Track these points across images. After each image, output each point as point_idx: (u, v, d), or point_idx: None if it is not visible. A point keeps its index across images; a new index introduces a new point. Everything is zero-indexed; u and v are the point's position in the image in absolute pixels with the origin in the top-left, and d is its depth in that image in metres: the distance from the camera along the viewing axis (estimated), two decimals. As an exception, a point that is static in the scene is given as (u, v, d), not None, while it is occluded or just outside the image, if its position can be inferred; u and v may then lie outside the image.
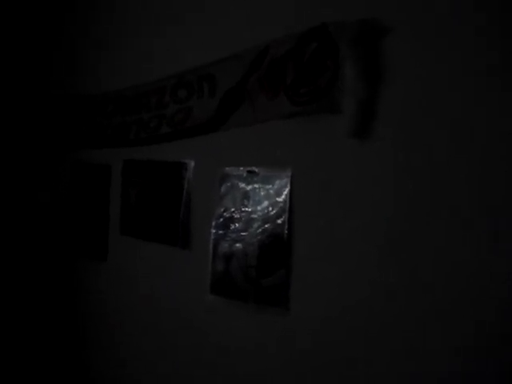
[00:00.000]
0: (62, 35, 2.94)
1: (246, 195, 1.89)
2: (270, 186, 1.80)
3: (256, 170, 1.86)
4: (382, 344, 1.51)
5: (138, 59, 2.43)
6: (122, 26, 2.56)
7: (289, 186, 1.75)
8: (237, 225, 1.90)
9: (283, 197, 1.76)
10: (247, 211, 1.87)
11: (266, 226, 1.80)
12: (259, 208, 1.83)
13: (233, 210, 1.93)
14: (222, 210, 1.96)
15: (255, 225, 1.84)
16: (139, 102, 2.34)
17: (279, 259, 1.76)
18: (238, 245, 1.89)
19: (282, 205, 1.76)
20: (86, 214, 2.72)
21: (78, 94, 2.76)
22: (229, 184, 1.95)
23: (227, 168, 1.96)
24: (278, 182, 1.78)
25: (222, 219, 1.95)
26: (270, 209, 1.79)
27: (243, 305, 1.87)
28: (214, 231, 1.98)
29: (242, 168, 1.91)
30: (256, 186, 1.85)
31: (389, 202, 1.50)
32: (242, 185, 1.90)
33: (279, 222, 1.76)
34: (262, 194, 1.83)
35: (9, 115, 3.07)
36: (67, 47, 2.90)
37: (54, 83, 2.97)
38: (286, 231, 1.74)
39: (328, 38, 1.58)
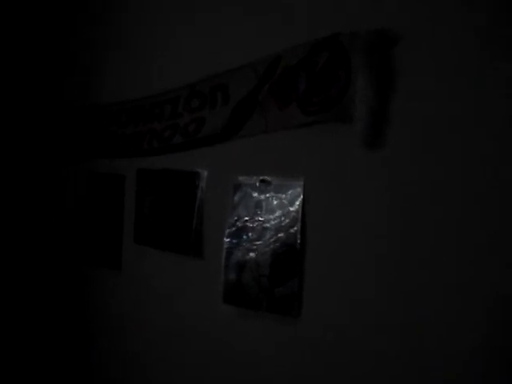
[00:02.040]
0: (77, 46, 2.96)
1: (258, 204, 1.89)
2: (283, 196, 1.80)
3: (269, 179, 1.86)
4: (393, 352, 1.50)
5: (152, 69, 2.44)
6: (136, 36, 2.57)
7: (302, 195, 1.75)
8: (250, 234, 1.91)
9: (296, 206, 1.76)
10: (260, 220, 1.87)
11: (279, 235, 1.80)
12: (272, 217, 1.83)
13: (246, 219, 1.93)
14: (235, 219, 1.96)
15: (268, 234, 1.84)
16: (152, 112, 2.36)
17: (292, 268, 1.76)
18: (250, 254, 1.89)
19: (294, 214, 1.76)
20: (100, 223, 2.73)
21: (92, 104, 2.78)
22: (242, 193, 1.95)
23: (240, 177, 1.97)
24: (290, 191, 1.78)
25: (234, 228, 1.96)
26: (283, 218, 1.79)
27: (256, 314, 1.88)
28: (226, 240, 1.99)
29: (254, 177, 1.91)
30: (269, 195, 1.85)
31: (402, 211, 1.50)
32: (255, 194, 1.90)
33: (292, 231, 1.77)
34: (275, 203, 1.83)
35: (23, 125, 3.10)
36: (81, 58, 2.92)
37: (68, 94, 2.98)
38: (299, 240, 1.74)
39: (340, 47, 1.58)
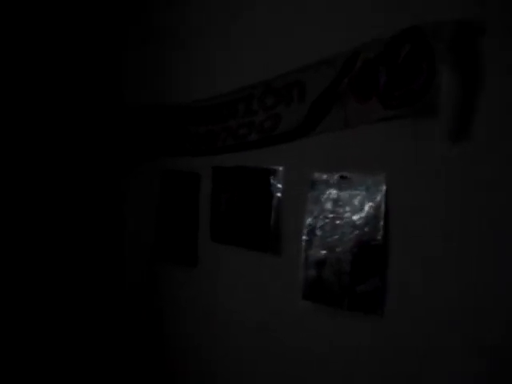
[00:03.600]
0: (150, 47, 3.02)
1: (337, 201, 1.87)
2: (364, 192, 1.78)
3: (348, 175, 1.84)
4: (480, 354, 1.46)
5: (226, 68, 2.46)
6: (208, 35, 2.59)
7: (383, 190, 1.72)
8: (328, 231, 1.89)
9: (377, 202, 1.73)
10: (340, 217, 1.86)
11: (360, 232, 1.78)
12: (352, 214, 1.81)
13: (324, 215, 1.92)
14: (313, 216, 1.95)
15: (348, 231, 1.82)
16: (227, 110, 2.38)
17: (374, 266, 1.74)
18: (330, 251, 1.88)
19: (375, 210, 1.74)
20: (176, 221, 2.78)
21: (167, 104, 2.83)
22: (319, 190, 1.94)
23: (317, 174, 1.96)
24: (371, 186, 1.76)
25: (312, 225, 1.95)
26: (364, 215, 1.77)
27: (337, 311, 1.86)
28: (304, 237, 1.98)
29: (333, 173, 1.90)
30: (348, 191, 1.83)
31: (487, 209, 1.45)
32: (334, 190, 1.89)
33: (373, 227, 1.74)
34: (355, 199, 1.81)
35: (98, 126, 3.19)
36: (154, 58, 2.98)
37: (143, 94, 3.05)
38: (381, 237, 1.72)
39: (422, 39, 1.54)
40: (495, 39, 1.43)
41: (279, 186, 2.14)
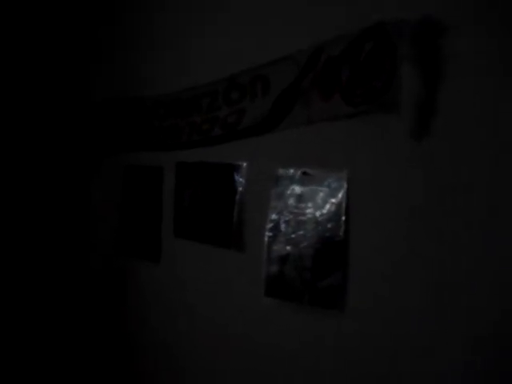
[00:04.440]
0: (115, 40, 2.99)
1: (300, 197, 1.88)
2: (326, 188, 1.78)
3: (311, 171, 1.85)
4: (442, 347, 1.48)
5: (190, 62, 2.44)
6: (173, 29, 2.57)
7: (345, 187, 1.73)
8: (291, 227, 1.89)
9: (339, 198, 1.74)
10: (302, 213, 1.86)
11: (322, 228, 1.78)
12: (314, 210, 1.82)
13: (287, 211, 1.92)
14: (276, 212, 1.95)
15: (310, 227, 1.83)
16: (191, 105, 2.36)
17: (335, 261, 1.74)
18: (292, 247, 1.88)
19: (337, 206, 1.75)
20: (139, 216, 2.76)
21: (130, 98, 2.80)
22: (283, 186, 1.94)
23: (281, 170, 1.96)
24: (333, 183, 1.76)
25: (276, 221, 1.95)
26: (326, 211, 1.78)
27: (298, 307, 1.87)
28: (267, 233, 1.98)
29: (296, 169, 1.90)
30: (311, 187, 1.84)
31: (448, 203, 1.46)
32: (297, 186, 1.89)
33: (335, 223, 1.75)
34: (317, 195, 1.81)
35: (62, 120, 3.14)
36: (120, 52, 2.95)
37: (107, 88, 3.02)
38: (342, 233, 1.72)
39: (385, 37, 1.54)
40: (457, 37, 1.44)
41: (243, 181, 2.13)
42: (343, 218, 1.72)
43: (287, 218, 1.91)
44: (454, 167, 1.46)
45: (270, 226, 1.97)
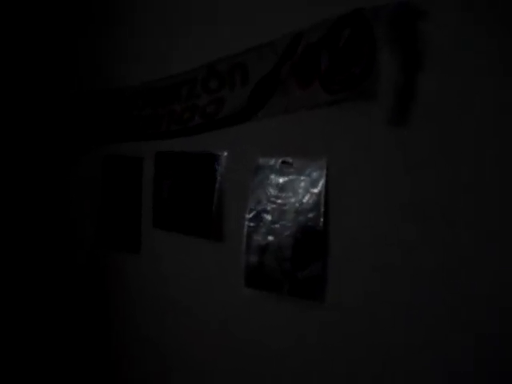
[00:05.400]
0: (92, 31, 2.94)
1: (280, 186, 1.86)
2: (305, 177, 1.76)
3: (290, 160, 1.83)
4: (420, 335, 1.47)
5: (169, 51, 2.41)
6: (151, 18, 2.54)
7: (324, 176, 1.71)
8: (271, 217, 1.87)
9: (319, 188, 1.72)
10: (281, 203, 1.84)
11: (301, 217, 1.77)
12: (294, 199, 1.80)
13: (266, 201, 1.90)
14: (256, 201, 1.93)
15: (290, 217, 1.81)
16: (170, 94, 2.32)
17: (315, 251, 1.73)
18: (272, 237, 1.86)
19: (317, 195, 1.73)
20: (118, 207, 2.73)
21: (108, 89, 2.76)
22: (262, 175, 1.92)
23: (261, 159, 1.93)
24: (313, 172, 1.74)
25: (255, 211, 1.93)
26: (305, 200, 1.76)
27: (278, 297, 1.85)
28: (247, 223, 1.96)
29: (275, 159, 1.88)
30: (290, 177, 1.82)
31: (428, 190, 1.45)
32: (276, 176, 1.87)
33: (315, 213, 1.73)
34: (297, 185, 1.79)
35: (39, 112, 3.10)
36: (97, 42, 2.90)
37: (84, 78, 2.98)
38: (322, 223, 1.71)
39: (363, 23, 1.53)
40: (435, 23, 1.43)
41: (222, 171, 2.10)
42: (323, 207, 1.71)
43: (267, 208, 1.89)
44: (434, 155, 1.44)
45: (249, 215, 1.95)
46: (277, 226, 1.85)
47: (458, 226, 1.39)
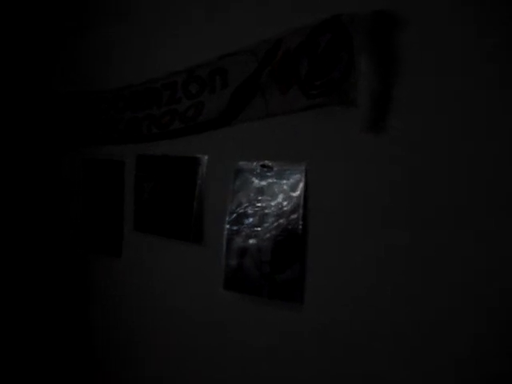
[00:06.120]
0: (72, 33, 2.93)
1: (260, 190, 1.87)
2: (285, 181, 1.78)
3: (270, 164, 1.84)
4: (396, 339, 1.50)
5: (149, 55, 2.42)
6: (133, 22, 2.53)
7: (303, 180, 1.73)
8: (251, 220, 1.89)
9: (298, 191, 1.74)
10: (261, 206, 1.86)
11: (281, 221, 1.78)
12: (273, 203, 1.81)
13: (247, 204, 1.91)
14: (236, 204, 1.94)
15: (269, 220, 1.82)
16: (151, 98, 2.33)
17: (294, 254, 1.74)
18: (252, 240, 1.87)
19: (296, 199, 1.75)
20: (99, 210, 2.72)
21: (89, 91, 2.76)
22: (242, 178, 1.93)
23: (241, 163, 1.95)
24: (292, 176, 1.76)
25: (235, 214, 1.94)
26: (285, 203, 1.77)
27: (257, 300, 1.87)
28: (227, 226, 1.97)
29: (255, 162, 1.89)
30: (270, 180, 1.83)
31: (404, 197, 1.48)
32: (256, 179, 1.88)
33: (294, 216, 1.75)
34: (277, 188, 1.81)
35: (20, 114, 3.08)
36: (76, 44, 2.89)
37: (65, 81, 2.96)
38: (301, 226, 1.73)
39: (342, 29, 1.55)
40: (413, 31, 1.46)
41: (203, 174, 2.11)
42: (301, 210, 1.73)
43: (247, 211, 1.90)
44: (410, 161, 1.47)
45: (229, 218, 1.96)
46: (258, 229, 1.86)
47: (436, 227, 1.41)
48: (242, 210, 1.92)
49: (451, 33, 1.39)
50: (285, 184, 1.79)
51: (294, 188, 1.76)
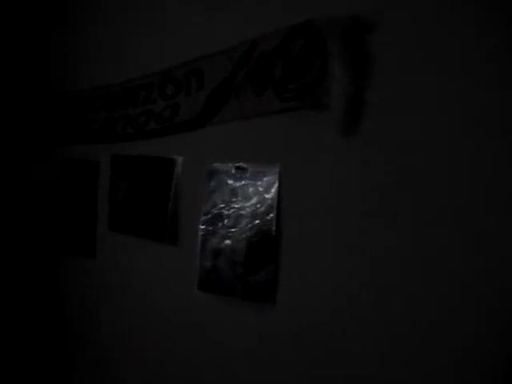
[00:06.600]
0: (50, 33, 2.91)
1: (234, 191, 1.88)
2: (259, 183, 1.79)
3: (245, 166, 1.85)
4: (369, 340, 1.51)
5: (126, 55, 2.41)
6: (109, 23, 2.54)
7: (277, 182, 1.74)
8: (225, 221, 1.90)
9: (272, 193, 1.75)
10: (236, 207, 1.87)
11: (255, 222, 1.80)
12: (248, 204, 1.83)
13: (221, 206, 1.92)
14: (211, 206, 1.95)
15: (244, 221, 1.83)
16: (127, 98, 2.33)
17: (267, 255, 1.76)
18: (226, 241, 1.88)
19: (270, 201, 1.76)
20: (74, 210, 2.70)
21: (65, 91, 2.74)
22: (217, 180, 1.94)
23: (215, 164, 1.96)
24: (266, 178, 1.78)
25: (210, 215, 1.95)
26: (259, 205, 1.79)
27: (231, 301, 1.87)
28: (202, 227, 1.97)
29: (230, 164, 1.90)
30: (244, 182, 1.85)
31: (376, 199, 1.50)
32: (231, 181, 1.89)
33: (268, 218, 1.76)
34: (251, 190, 1.82)
35: (6, 112, 3.05)
36: (54, 45, 2.87)
37: (41, 80, 2.94)
38: (274, 227, 1.74)
39: (316, 33, 1.57)
40: (386, 36, 1.48)
41: (178, 175, 2.12)
42: (275, 211, 1.74)
43: (222, 212, 1.91)
44: (383, 163, 1.49)
45: (204, 219, 1.97)
46: (230, 230, 1.87)
47: (415, 228, 1.43)
48: (216, 211, 1.93)
49: (426, 35, 1.41)
50: (259, 185, 1.80)
51: (268, 190, 1.77)
